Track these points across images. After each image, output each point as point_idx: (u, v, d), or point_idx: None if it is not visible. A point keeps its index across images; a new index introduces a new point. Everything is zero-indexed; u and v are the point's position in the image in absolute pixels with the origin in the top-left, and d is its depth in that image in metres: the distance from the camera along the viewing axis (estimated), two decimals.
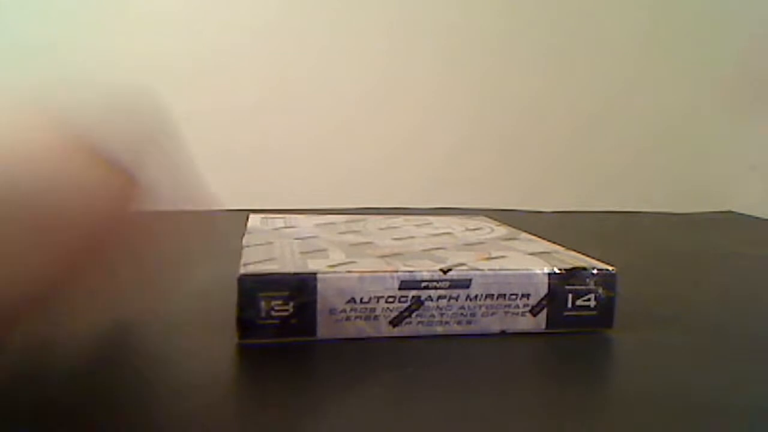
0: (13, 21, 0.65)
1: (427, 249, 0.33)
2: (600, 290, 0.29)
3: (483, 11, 0.75)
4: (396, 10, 0.73)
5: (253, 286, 0.26)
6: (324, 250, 0.32)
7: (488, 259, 0.31)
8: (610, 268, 0.30)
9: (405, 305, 0.28)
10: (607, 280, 0.29)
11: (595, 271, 0.29)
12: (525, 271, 0.29)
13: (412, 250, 0.33)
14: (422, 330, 0.28)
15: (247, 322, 0.26)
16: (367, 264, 0.28)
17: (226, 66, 0.71)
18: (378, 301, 0.27)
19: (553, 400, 0.22)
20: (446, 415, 0.21)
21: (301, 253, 0.31)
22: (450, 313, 0.28)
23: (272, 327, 0.26)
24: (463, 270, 0.28)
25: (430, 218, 0.45)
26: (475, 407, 0.21)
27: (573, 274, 0.29)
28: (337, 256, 0.30)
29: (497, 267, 0.29)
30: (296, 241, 0.34)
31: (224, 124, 0.72)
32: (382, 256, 0.30)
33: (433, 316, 0.28)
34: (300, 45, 0.72)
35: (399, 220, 0.43)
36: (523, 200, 0.75)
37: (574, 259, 0.31)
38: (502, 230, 0.40)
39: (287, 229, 0.38)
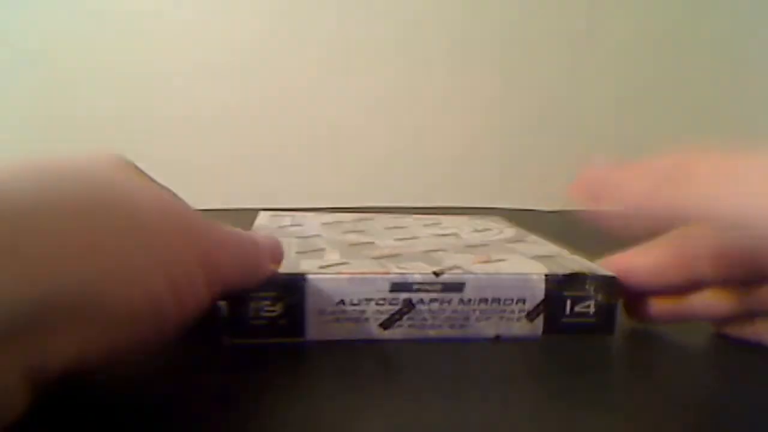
0: (13, 21, 0.66)
1: (426, 250, 0.32)
2: (600, 296, 0.28)
3: (491, 8, 0.74)
4: (401, 7, 0.72)
5: None
6: (321, 249, 0.31)
7: (486, 261, 0.30)
8: (612, 273, 0.29)
9: (396, 308, 0.27)
10: (607, 285, 0.28)
11: (594, 277, 0.28)
12: (520, 276, 0.28)
13: (411, 251, 0.32)
14: (414, 333, 0.27)
15: (235, 322, 0.26)
16: (359, 265, 0.28)
17: (226, 65, 0.71)
18: (368, 304, 0.27)
19: (547, 405, 0.22)
20: (436, 421, 0.20)
21: (297, 252, 0.30)
22: (443, 316, 0.28)
23: (261, 327, 0.26)
24: (456, 273, 0.28)
25: (441, 218, 0.44)
26: (465, 413, 0.21)
27: (571, 279, 0.28)
28: (331, 256, 0.30)
29: (492, 270, 0.28)
30: (296, 240, 0.34)
31: (225, 124, 0.72)
32: (377, 257, 0.30)
33: (425, 319, 0.27)
34: (304, 45, 0.72)
35: (408, 219, 0.43)
36: (541, 199, 0.73)
37: (576, 263, 0.30)
38: (511, 231, 0.40)
39: (292, 228, 0.38)
